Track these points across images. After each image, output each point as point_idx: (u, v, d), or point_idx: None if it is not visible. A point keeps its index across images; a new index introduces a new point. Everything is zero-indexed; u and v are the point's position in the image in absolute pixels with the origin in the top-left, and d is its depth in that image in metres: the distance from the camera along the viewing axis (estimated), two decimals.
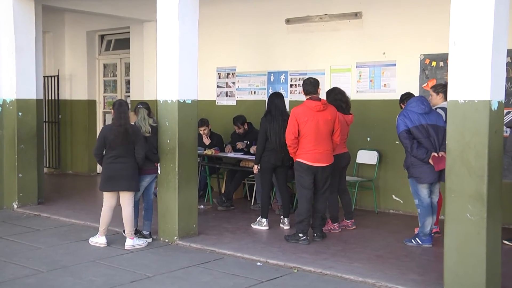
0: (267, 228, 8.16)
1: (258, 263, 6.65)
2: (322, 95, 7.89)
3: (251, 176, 9.79)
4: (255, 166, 8.29)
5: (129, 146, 7.09)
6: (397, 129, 7.28)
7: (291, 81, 10.49)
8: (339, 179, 8.17)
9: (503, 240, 6.57)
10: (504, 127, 6.59)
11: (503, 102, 5.53)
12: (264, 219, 8.13)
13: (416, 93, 8.53)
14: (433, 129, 6.94)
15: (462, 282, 5.44)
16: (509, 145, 7.47)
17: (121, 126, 7.01)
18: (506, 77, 5.81)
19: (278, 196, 9.31)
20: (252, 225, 8.25)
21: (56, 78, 13.53)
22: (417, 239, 7.43)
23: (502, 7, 5.37)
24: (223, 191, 10.14)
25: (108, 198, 7.29)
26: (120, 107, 7.13)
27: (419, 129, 7.07)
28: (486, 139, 5.30)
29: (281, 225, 8.29)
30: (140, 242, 7.30)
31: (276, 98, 8.25)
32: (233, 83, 11.29)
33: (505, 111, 7.09)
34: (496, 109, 5.37)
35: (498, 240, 5.58)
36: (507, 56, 5.71)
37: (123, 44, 13.49)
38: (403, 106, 7.61)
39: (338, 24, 9.92)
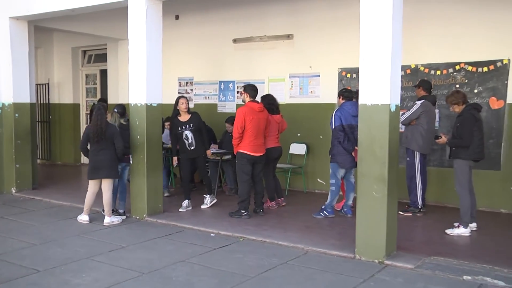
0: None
1: (212, 234, 6.69)
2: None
3: (206, 164, 9.75)
4: None
5: (107, 141, 7.06)
6: (333, 122, 7.37)
7: (237, 88, 10.51)
8: (272, 167, 8.28)
9: (399, 211, 6.70)
10: (400, 125, 6.77)
11: (399, 105, 5.70)
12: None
13: (334, 97, 8.63)
14: (357, 128, 7.07)
15: (368, 244, 5.63)
16: (404, 139, 7.64)
17: (98, 126, 6.99)
18: (401, 86, 6.00)
19: (229, 180, 9.40)
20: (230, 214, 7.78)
21: (46, 85, 13.38)
22: (325, 212, 7.55)
23: (397, 35, 5.55)
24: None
25: (92, 185, 7.24)
26: (98, 111, 7.09)
27: (350, 127, 7.20)
28: (387, 134, 5.47)
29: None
30: (116, 219, 7.28)
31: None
32: (191, 90, 11.26)
33: (401, 112, 7.29)
34: (394, 110, 5.54)
35: (395, 211, 5.77)
36: (401, 70, 5.89)
37: (101, 57, 13.33)
38: (341, 100, 7.54)
39: (274, 43, 9.98)
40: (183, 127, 7.96)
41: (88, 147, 7.25)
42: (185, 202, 8.09)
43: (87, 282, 4.93)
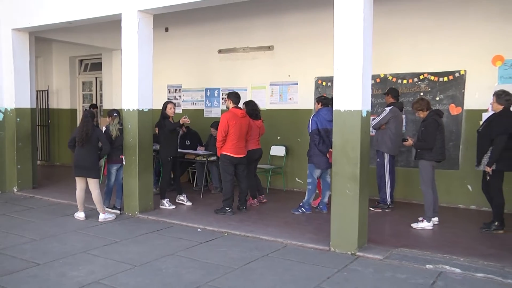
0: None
1: (198, 229, 6.68)
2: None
3: (193, 165, 9.77)
4: None
5: (91, 145, 7.02)
6: (310, 126, 7.38)
7: (222, 95, 10.50)
8: (253, 168, 8.28)
9: (370, 207, 6.76)
10: (371, 128, 6.82)
11: (369, 111, 5.75)
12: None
13: (311, 103, 8.69)
14: (331, 132, 7.09)
15: (342, 237, 5.66)
16: (374, 142, 7.69)
17: (83, 132, 6.95)
18: (371, 94, 6.03)
19: (215, 179, 9.38)
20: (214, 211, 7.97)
21: (46, 92, 13.27)
22: (302, 208, 7.56)
23: (368, 48, 5.59)
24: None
25: (78, 182, 7.20)
26: (85, 118, 7.07)
27: (325, 131, 7.22)
28: (359, 137, 5.51)
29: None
30: (110, 216, 7.23)
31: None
32: (180, 96, 11.23)
33: (371, 117, 7.37)
34: (365, 116, 5.58)
35: (366, 208, 5.82)
36: (371, 79, 5.95)
37: (97, 66, 13.24)
38: (318, 106, 7.57)
39: (256, 54, 10.00)
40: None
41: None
42: (179, 197, 8.22)
43: (83, 274, 4.90)
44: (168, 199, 7.98)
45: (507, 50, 7.62)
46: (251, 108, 7.94)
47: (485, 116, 7.38)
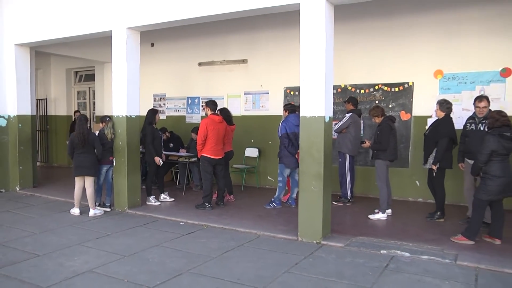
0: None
1: (181, 223, 6.64)
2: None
3: (176, 165, 9.71)
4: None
5: (89, 146, 6.96)
6: (280, 131, 7.37)
7: (202, 103, 10.41)
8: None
9: (332, 202, 6.81)
10: (333, 132, 6.88)
11: (332, 117, 5.80)
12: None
13: (280, 110, 8.70)
14: (299, 135, 7.11)
15: (308, 228, 5.69)
16: (336, 144, 7.76)
17: (81, 134, 6.88)
18: (333, 102, 6.07)
19: (196, 178, 9.34)
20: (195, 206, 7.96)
21: (45, 100, 13.10)
22: (273, 203, 7.56)
23: (329, 62, 5.64)
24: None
25: (77, 181, 7.07)
26: (80, 122, 6.99)
27: (294, 134, 7.20)
28: (322, 140, 5.55)
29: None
30: (98, 212, 7.14)
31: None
32: (164, 104, 11.12)
33: (333, 122, 7.44)
34: (328, 121, 5.62)
35: (329, 202, 5.84)
36: (333, 89, 5.97)
37: (90, 77, 13.02)
38: (286, 112, 7.55)
39: (232, 66, 9.97)
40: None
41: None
42: (161, 195, 8.12)
43: (78, 264, 4.82)
44: (153, 196, 7.91)
45: (446, 66, 7.81)
46: (225, 114, 7.87)
47: (430, 121, 7.55)
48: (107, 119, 7.47)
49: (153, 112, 7.93)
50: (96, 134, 7.33)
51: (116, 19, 7.43)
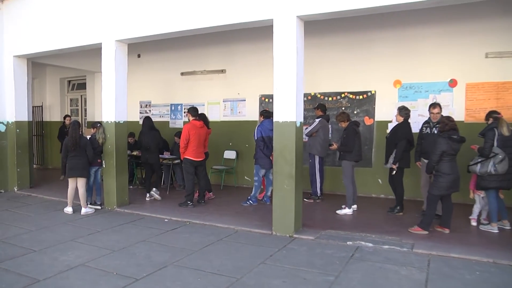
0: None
1: (165, 220, 6.57)
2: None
3: (161, 167, 9.56)
4: None
5: (81, 149, 6.86)
6: (256, 134, 7.36)
7: (184, 109, 10.38)
8: None
9: (304, 199, 6.83)
10: (304, 136, 6.92)
11: (302, 122, 5.80)
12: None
13: (256, 116, 8.74)
14: (273, 139, 7.09)
15: (282, 223, 5.69)
16: (307, 146, 7.74)
17: (73, 138, 6.80)
18: (304, 108, 6.13)
19: (179, 178, 9.28)
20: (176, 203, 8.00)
21: (41, 107, 12.84)
22: (250, 201, 7.54)
23: (300, 72, 5.66)
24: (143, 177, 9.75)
25: (70, 182, 6.96)
26: (73, 127, 6.89)
27: (268, 138, 7.18)
28: (294, 143, 5.56)
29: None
30: (90, 210, 7.03)
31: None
32: (149, 110, 11.00)
33: (304, 127, 7.45)
34: (299, 126, 5.63)
35: (300, 199, 5.85)
36: (304, 97, 6.02)
37: (82, 86, 12.84)
38: (261, 118, 7.53)
39: (211, 76, 9.94)
40: None
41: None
42: (148, 194, 8.05)
43: (71, 258, 4.74)
44: (155, 189, 8.03)
45: (403, 76, 7.95)
46: (202, 119, 7.82)
47: (390, 125, 7.68)
48: (98, 125, 7.36)
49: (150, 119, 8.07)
50: (88, 139, 7.23)
51: (105, 32, 7.33)
